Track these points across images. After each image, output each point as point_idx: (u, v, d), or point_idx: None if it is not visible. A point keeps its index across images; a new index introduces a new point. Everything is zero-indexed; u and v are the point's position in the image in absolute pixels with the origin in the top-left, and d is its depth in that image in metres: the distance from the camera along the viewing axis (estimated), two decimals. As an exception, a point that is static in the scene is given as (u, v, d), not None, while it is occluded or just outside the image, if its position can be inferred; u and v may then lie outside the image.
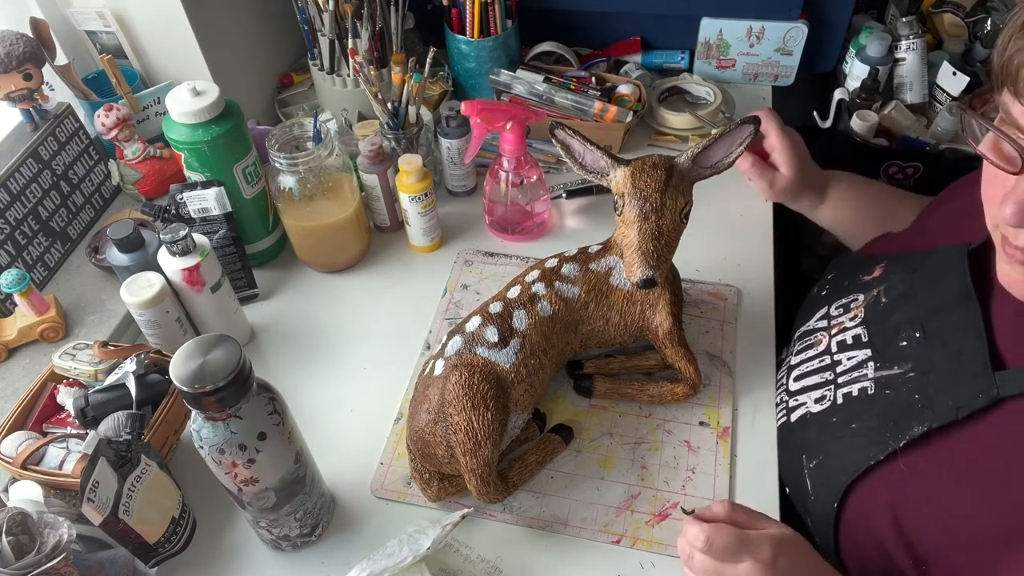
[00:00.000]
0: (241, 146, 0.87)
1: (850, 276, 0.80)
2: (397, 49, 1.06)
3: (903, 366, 0.66)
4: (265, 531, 0.68)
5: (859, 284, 0.77)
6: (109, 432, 0.69)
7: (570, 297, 0.75)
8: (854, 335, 0.73)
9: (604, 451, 0.77)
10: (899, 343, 0.67)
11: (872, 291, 0.74)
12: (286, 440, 0.61)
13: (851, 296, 0.77)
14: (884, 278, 0.75)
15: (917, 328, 0.66)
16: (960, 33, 1.25)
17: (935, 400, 0.61)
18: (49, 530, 0.59)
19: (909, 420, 0.62)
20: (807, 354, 0.77)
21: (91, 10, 1.02)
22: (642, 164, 0.70)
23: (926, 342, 0.65)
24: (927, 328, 0.66)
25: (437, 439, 0.69)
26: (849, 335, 0.73)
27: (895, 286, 0.72)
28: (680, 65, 1.24)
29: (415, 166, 0.91)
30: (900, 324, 0.68)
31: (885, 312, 0.71)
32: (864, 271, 0.78)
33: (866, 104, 1.17)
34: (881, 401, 0.66)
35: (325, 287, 0.97)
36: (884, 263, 0.76)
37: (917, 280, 0.70)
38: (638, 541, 0.70)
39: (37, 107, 0.96)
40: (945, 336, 0.64)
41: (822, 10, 1.18)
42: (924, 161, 1.15)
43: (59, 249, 0.97)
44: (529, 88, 1.11)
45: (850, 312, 0.75)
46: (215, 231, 0.87)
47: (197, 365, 0.53)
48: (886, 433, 0.63)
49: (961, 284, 0.65)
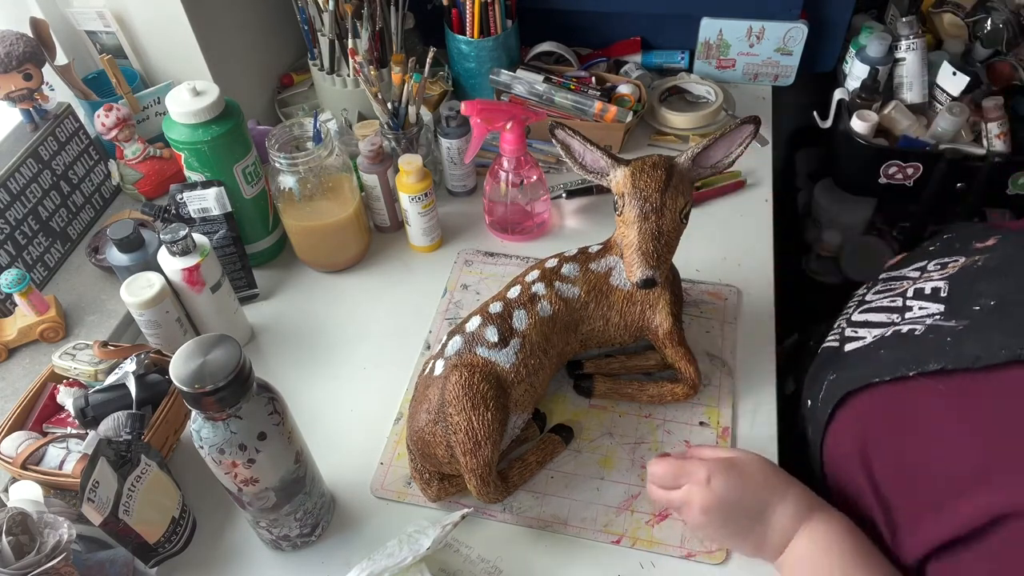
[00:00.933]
0: (241, 146, 0.87)
1: (963, 239, 0.78)
2: (397, 49, 1.06)
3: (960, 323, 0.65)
4: (265, 531, 0.68)
5: (969, 249, 0.76)
6: (109, 432, 0.69)
7: (570, 297, 0.75)
8: (934, 287, 0.71)
9: (604, 451, 0.77)
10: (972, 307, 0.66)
11: (975, 257, 0.73)
12: (286, 440, 0.61)
13: (955, 257, 0.75)
14: (995, 247, 0.73)
15: (994, 298, 0.65)
16: (960, 33, 1.25)
17: (963, 347, 0.61)
18: (49, 530, 0.59)
19: (929, 356, 0.62)
20: (884, 295, 0.76)
21: (91, 10, 1.02)
22: (642, 164, 0.70)
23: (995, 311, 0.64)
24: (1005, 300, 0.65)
25: (437, 439, 0.69)
26: (929, 286, 0.72)
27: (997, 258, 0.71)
28: (680, 65, 1.24)
29: (415, 166, 0.91)
30: (982, 290, 0.67)
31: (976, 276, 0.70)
32: (978, 238, 0.76)
33: (866, 104, 1.17)
34: (920, 340, 0.66)
35: (325, 287, 0.97)
36: (1001, 236, 0.75)
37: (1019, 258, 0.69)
38: (638, 541, 0.70)
39: (37, 107, 0.96)
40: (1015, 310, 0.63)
41: (822, 10, 1.18)
42: (924, 161, 1.15)
43: (59, 249, 0.97)
44: (529, 88, 1.11)
45: (946, 270, 0.74)
46: (215, 231, 0.87)
47: (197, 365, 0.53)
48: (902, 361, 0.63)
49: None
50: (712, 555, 0.69)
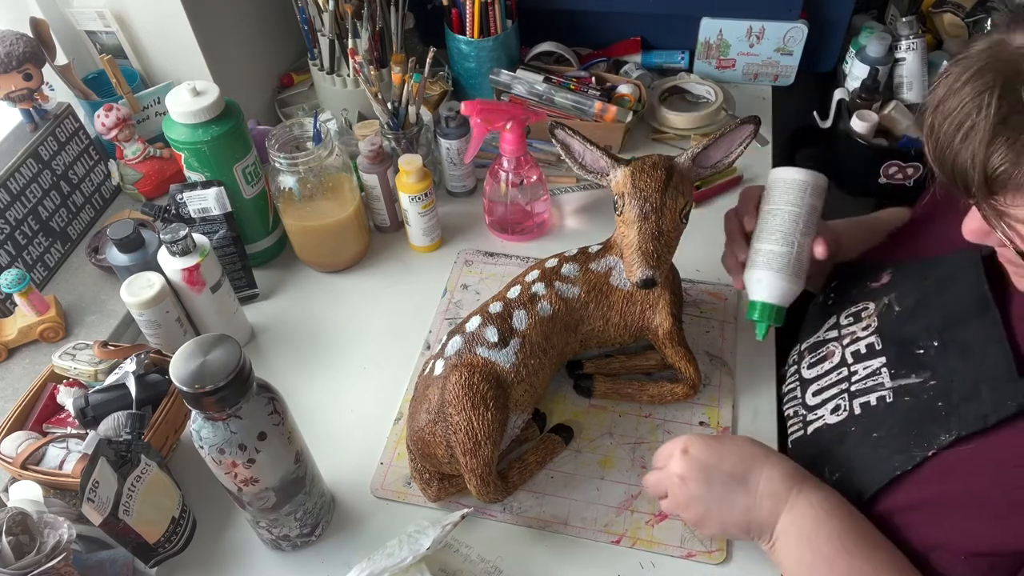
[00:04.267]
0: (241, 146, 0.87)
1: (856, 284, 0.78)
2: (397, 49, 1.06)
3: (921, 375, 0.65)
4: (265, 531, 0.68)
5: (868, 292, 0.76)
6: (109, 432, 0.69)
7: (570, 297, 0.75)
8: (867, 344, 0.72)
9: (604, 451, 0.77)
10: (915, 351, 0.66)
11: (883, 299, 0.73)
12: (286, 440, 0.61)
13: (860, 305, 0.76)
14: (894, 285, 0.74)
15: (935, 337, 0.66)
16: (960, 33, 1.25)
17: (960, 407, 0.60)
18: (49, 530, 0.59)
19: (934, 428, 0.61)
20: (822, 367, 0.76)
21: (91, 10, 1.02)
22: (642, 164, 0.70)
23: (944, 350, 0.64)
24: (945, 337, 0.65)
25: (437, 439, 0.69)
26: (863, 344, 0.72)
27: (907, 295, 0.71)
28: (680, 65, 1.24)
29: (415, 166, 0.91)
30: (916, 334, 0.67)
31: (899, 321, 0.70)
32: (871, 278, 0.77)
33: (866, 104, 1.17)
34: (901, 409, 0.65)
35: (325, 287, 0.97)
36: (891, 271, 0.75)
37: (929, 288, 0.69)
38: (638, 541, 0.70)
39: (37, 107, 0.96)
40: (964, 344, 0.63)
41: (822, 10, 1.18)
42: (924, 161, 1.14)
43: (59, 249, 0.97)
44: (529, 88, 1.11)
45: (862, 322, 0.74)
46: (215, 231, 0.87)
47: (197, 365, 0.53)
48: (910, 442, 0.62)
49: (978, 292, 0.64)
50: (712, 555, 0.69)
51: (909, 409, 0.64)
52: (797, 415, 0.76)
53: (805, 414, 0.75)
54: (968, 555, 0.58)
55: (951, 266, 0.69)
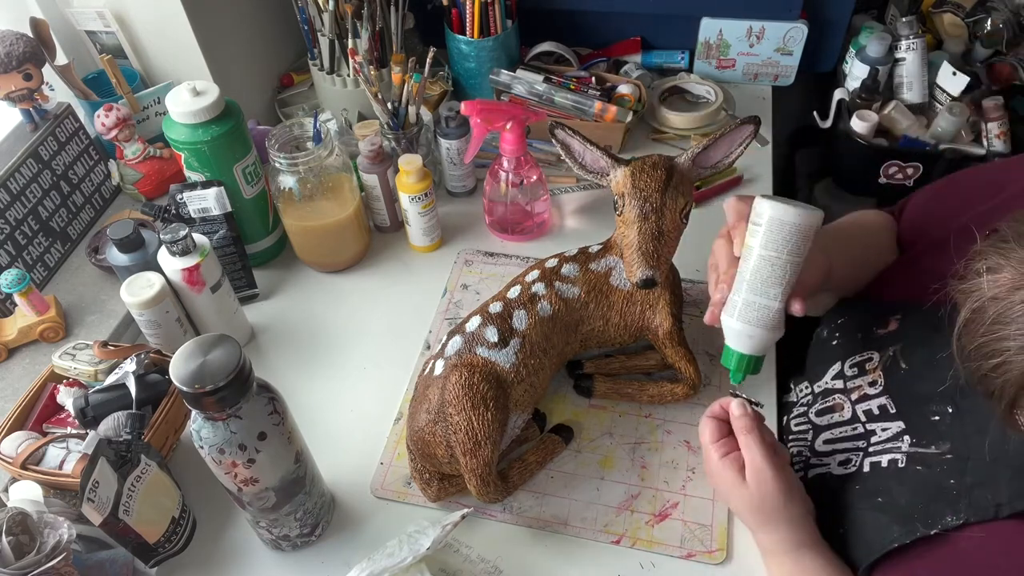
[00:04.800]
0: (241, 146, 0.87)
1: (863, 327, 0.76)
2: (397, 49, 1.06)
3: (940, 446, 0.62)
4: (265, 531, 0.68)
5: (873, 339, 0.73)
6: (109, 432, 0.69)
7: (570, 297, 0.75)
8: (880, 405, 0.69)
9: (604, 451, 0.77)
10: (931, 417, 0.64)
11: (888, 351, 0.70)
12: (286, 440, 0.61)
13: (865, 354, 0.73)
14: (900, 335, 0.71)
15: (948, 403, 0.63)
16: (960, 33, 1.25)
17: (973, 492, 0.57)
18: (49, 530, 0.59)
19: (942, 507, 0.58)
20: (831, 417, 0.73)
21: (91, 10, 1.02)
22: (642, 164, 0.70)
23: (961, 420, 0.61)
24: (960, 405, 0.62)
25: (437, 439, 0.69)
26: (874, 405, 0.69)
27: (914, 349, 0.68)
28: (680, 65, 1.24)
29: (415, 166, 0.91)
30: (929, 396, 0.64)
31: (908, 380, 0.68)
32: (877, 323, 0.74)
33: (866, 104, 1.17)
34: (912, 478, 0.62)
35: (325, 287, 0.97)
36: (899, 317, 0.72)
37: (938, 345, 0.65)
38: (638, 541, 0.70)
39: (37, 107, 0.96)
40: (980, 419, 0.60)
41: (822, 10, 1.18)
42: (924, 161, 1.15)
43: (59, 249, 0.97)
44: (529, 88, 1.11)
45: (867, 375, 0.71)
46: (215, 231, 0.87)
47: (197, 365, 0.53)
48: (914, 516, 0.59)
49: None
50: (712, 555, 0.69)
51: (919, 480, 0.61)
52: (800, 455, 0.74)
53: (809, 457, 0.73)
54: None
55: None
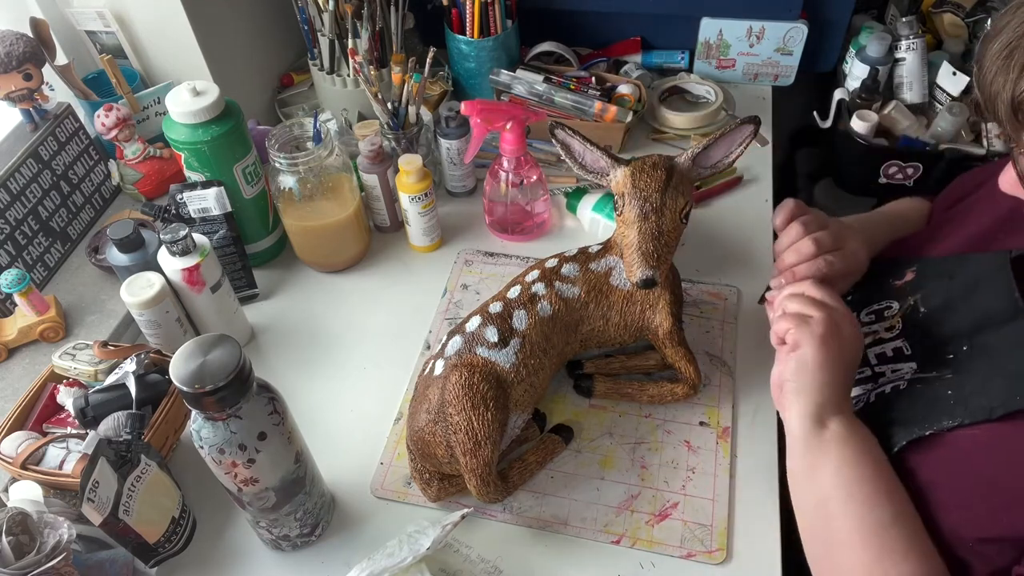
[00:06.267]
0: (241, 146, 0.87)
1: (879, 280, 0.77)
2: (397, 49, 1.06)
3: (943, 372, 0.65)
4: (265, 531, 0.68)
5: (890, 290, 0.75)
6: (109, 432, 0.69)
7: (570, 297, 0.75)
8: (895, 348, 0.71)
9: (604, 451, 0.77)
10: (945, 356, 0.66)
11: (908, 300, 0.72)
12: (286, 440, 0.61)
13: (884, 303, 0.75)
14: (918, 284, 0.73)
15: (964, 342, 0.65)
16: (960, 33, 1.25)
17: (969, 400, 0.60)
18: (49, 530, 0.59)
19: (939, 414, 0.61)
20: None
21: (91, 10, 1.02)
22: (642, 164, 0.70)
23: (972, 354, 0.64)
24: (975, 343, 0.64)
25: (437, 439, 0.69)
26: (889, 347, 0.71)
27: (933, 295, 0.70)
28: (680, 65, 1.24)
29: (415, 166, 0.91)
30: (946, 337, 0.67)
31: (926, 323, 0.70)
32: (894, 275, 0.76)
33: (866, 104, 1.17)
34: (911, 394, 0.65)
35: (325, 287, 0.97)
36: (915, 267, 0.74)
37: (955, 289, 0.68)
38: (638, 541, 0.70)
39: (37, 107, 0.96)
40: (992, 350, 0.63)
41: (822, 10, 1.18)
42: (924, 161, 1.15)
43: (59, 249, 0.97)
44: (529, 88, 1.11)
45: (884, 321, 0.73)
46: (215, 231, 0.87)
47: (197, 365, 0.53)
48: (913, 423, 0.62)
49: (1008, 299, 0.63)
50: (712, 555, 0.69)
51: (918, 394, 0.65)
52: None
53: None
54: (976, 541, 0.58)
55: (978, 267, 0.67)
